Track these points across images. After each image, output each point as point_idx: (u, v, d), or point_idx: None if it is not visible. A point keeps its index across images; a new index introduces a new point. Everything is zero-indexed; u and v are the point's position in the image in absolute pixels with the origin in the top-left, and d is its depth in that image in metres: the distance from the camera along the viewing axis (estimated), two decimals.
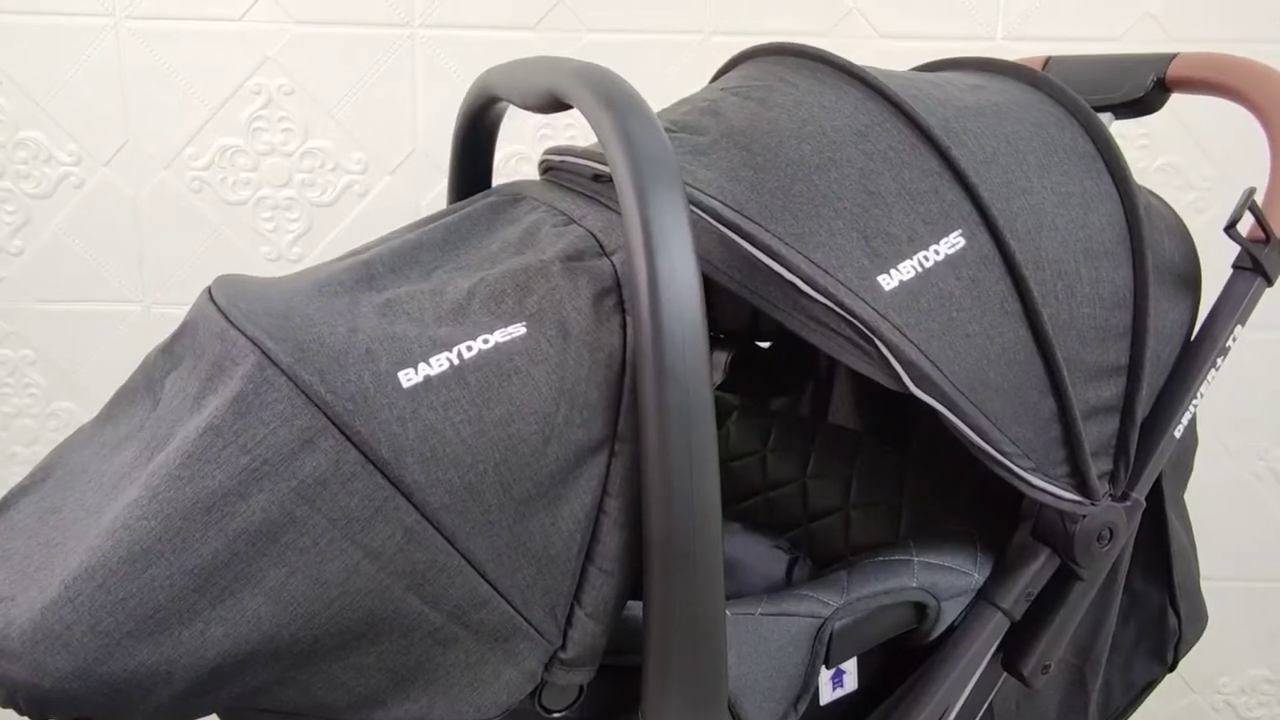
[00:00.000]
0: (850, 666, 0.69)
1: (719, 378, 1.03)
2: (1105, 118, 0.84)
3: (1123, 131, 1.35)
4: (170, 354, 0.58)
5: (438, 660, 0.52)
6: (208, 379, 0.52)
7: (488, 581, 0.51)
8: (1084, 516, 0.65)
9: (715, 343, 1.04)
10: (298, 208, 1.30)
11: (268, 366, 0.50)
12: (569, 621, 0.54)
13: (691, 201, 0.59)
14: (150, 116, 1.26)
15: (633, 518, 0.54)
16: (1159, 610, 0.81)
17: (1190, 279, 0.72)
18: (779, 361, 1.03)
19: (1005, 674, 0.72)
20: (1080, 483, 0.65)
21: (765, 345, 1.04)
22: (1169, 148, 1.32)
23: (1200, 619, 0.85)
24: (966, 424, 0.59)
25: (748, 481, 0.90)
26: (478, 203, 0.69)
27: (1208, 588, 1.47)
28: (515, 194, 0.69)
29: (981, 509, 0.73)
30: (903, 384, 0.58)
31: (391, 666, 0.51)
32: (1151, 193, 0.76)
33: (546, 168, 0.75)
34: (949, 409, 0.59)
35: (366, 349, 0.53)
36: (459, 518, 0.51)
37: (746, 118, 0.65)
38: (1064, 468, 0.64)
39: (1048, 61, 0.90)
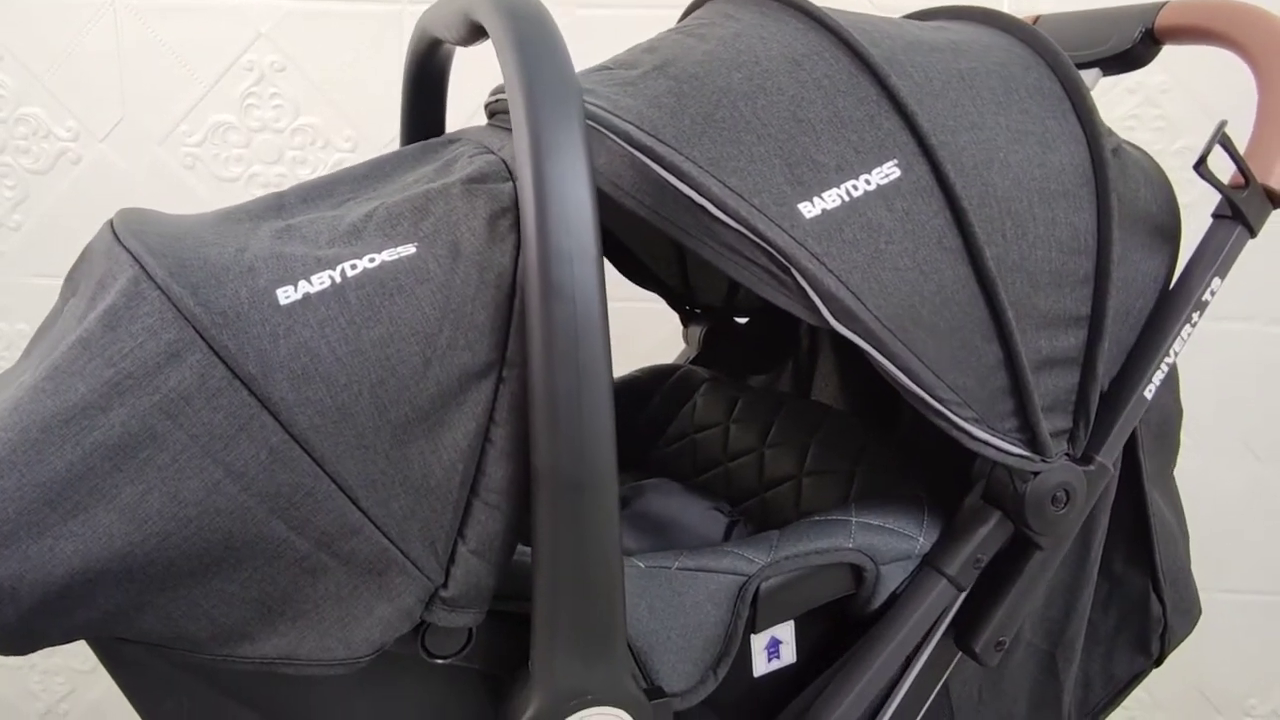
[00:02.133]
0: (787, 637, 0.64)
1: (693, 352, 1.00)
2: (1093, 73, 0.80)
3: (1138, 113, 1.30)
4: (70, 281, 0.56)
5: (306, 592, 0.49)
6: (92, 297, 0.51)
7: (359, 509, 0.48)
8: (1035, 475, 0.60)
9: (691, 318, 1.01)
10: (289, 185, 1.29)
11: (142, 280, 0.49)
12: (451, 558, 0.51)
13: (605, 126, 0.56)
14: (146, 93, 1.27)
15: (521, 448, 0.50)
16: (1141, 596, 0.75)
17: (1168, 231, 0.67)
18: (758, 339, 0.99)
19: (960, 654, 0.67)
20: (1030, 438, 0.60)
21: (742, 321, 1.01)
22: (1187, 130, 1.26)
23: (1190, 611, 0.78)
24: (895, 364, 0.55)
25: (709, 453, 0.86)
26: (414, 146, 0.67)
27: (1234, 601, 1.40)
28: (452, 137, 0.68)
29: (941, 478, 0.68)
30: (822, 317, 0.54)
31: (257, 596, 0.49)
32: (1135, 146, 0.71)
33: (491, 112, 0.73)
34: (874, 346, 0.54)
35: (249, 266, 0.51)
36: (329, 439, 0.48)
37: (681, 50, 0.62)
38: (1012, 421, 0.59)
39: (1037, 19, 0.86)
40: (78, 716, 1.51)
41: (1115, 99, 1.26)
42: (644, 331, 1.05)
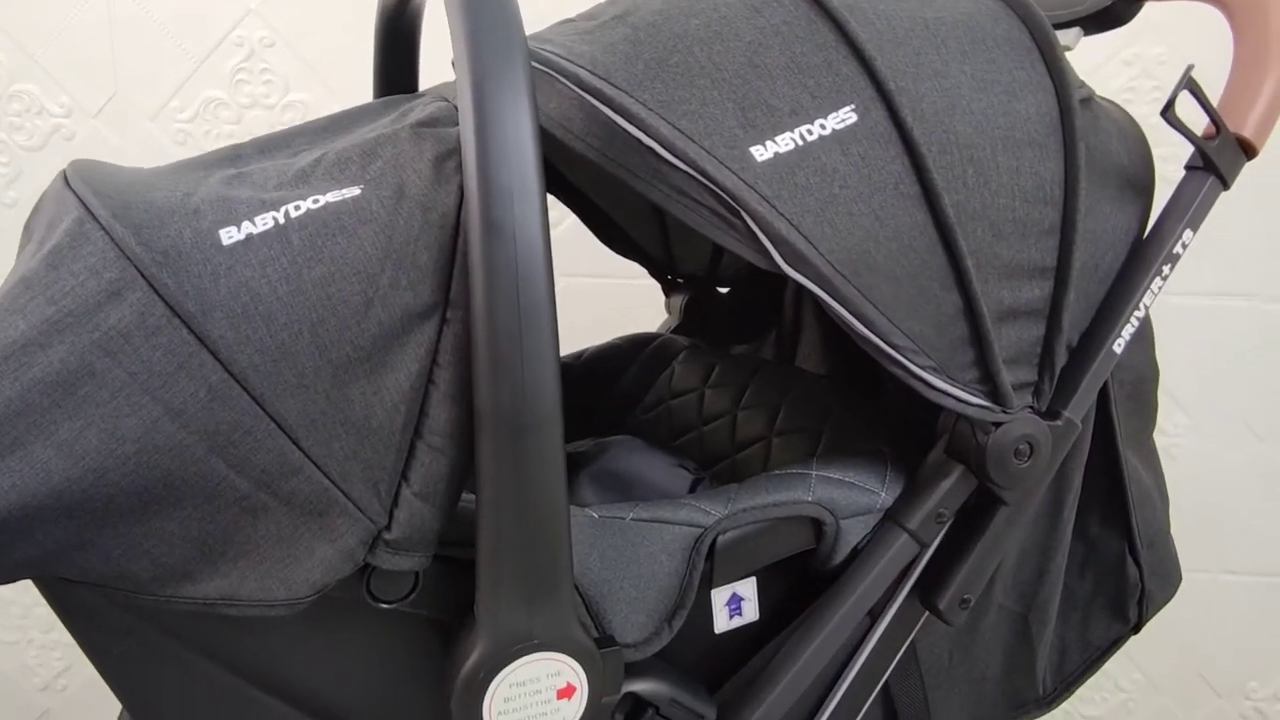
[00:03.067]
0: (749, 594, 0.64)
1: (674, 321, 1.00)
2: (1073, 32, 0.78)
3: (1134, 85, 1.28)
4: (27, 230, 0.57)
5: (247, 532, 0.49)
6: (41, 240, 0.51)
7: (300, 448, 0.48)
8: (997, 427, 0.59)
9: (673, 287, 1.01)
10: None
11: (86, 221, 0.49)
12: (395, 500, 0.50)
13: (555, 70, 0.56)
14: (138, 69, 1.28)
15: (465, 390, 0.50)
16: (1117, 560, 0.74)
17: (1140, 185, 0.66)
18: (740, 308, 0.98)
19: (926, 614, 0.66)
20: (992, 390, 0.59)
21: (724, 291, 1.00)
22: (1184, 102, 1.23)
23: (1169, 576, 0.77)
24: (849, 310, 0.54)
25: (684, 419, 0.86)
26: (379, 101, 0.67)
27: (1235, 583, 1.38)
28: (420, 93, 0.67)
29: (908, 437, 0.67)
30: (773, 262, 0.53)
31: (197, 535, 0.48)
32: (1113, 102, 0.70)
33: None
34: (827, 291, 0.54)
35: (194, 209, 0.51)
36: (269, 378, 0.48)
37: (643, 1, 0.62)
38: (973, 372, 0.58)
39: None
40: (75, 691, 1.52)
41: (1112, 71, 1.24)
42: (652, 309, 1.05)
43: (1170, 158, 0.68)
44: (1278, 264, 1.28)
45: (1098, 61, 1.25)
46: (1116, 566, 0.74)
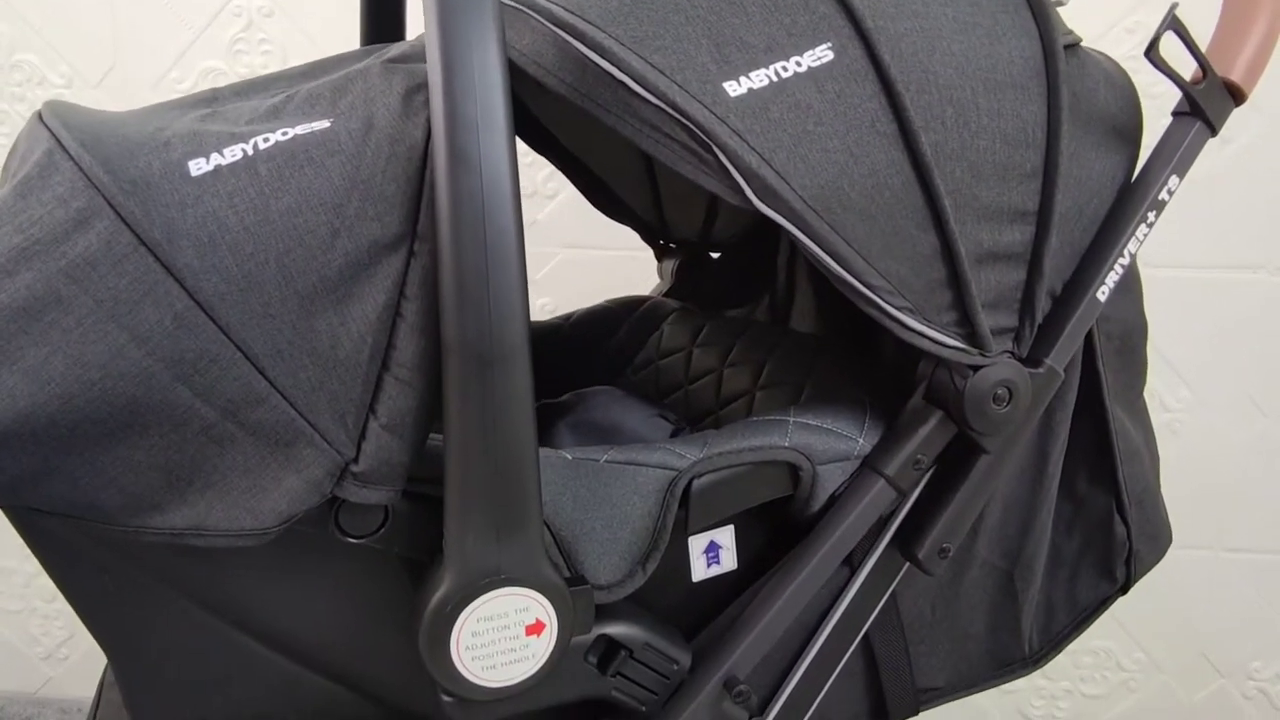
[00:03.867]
0: (727, 542, 0.63)
1: (666, 285, 0.99)
2: None
3: (1137, 53, 1.26)
4: (5, 170, 0.57)
5: (214, 462, 0.49)
6: (14, 174, 0.51)
7: (266, 378, 0.48)
8: (974, 371, 0.59)
9: (665, 251, 1.00)
10: None
11: (56, 152, 0.49)
12: (363, 433, 0.51)
13: (527, 5, 0.56)
14: (138, 39, 1.28)
15: (432, 323, 0.50)
16: (1105, 517, 0.73)
17: (1127, 133, 0.65)
18: (732, 272, 0.98)
19: (907, 565, 0.65)
20: (970, 333, 0.58)
21: (716, 256, 1.00)
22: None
23: (1158, 537, 0.76)
24: (821, 247, 0.54)
25: (672, 378, 0.86)
26: (361, 49, 0.67)
27: (1239, 561, 1.36)
28: (403, 43, 0.67)
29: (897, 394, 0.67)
30: (745, 197, 0.53)
31: (164, 464, 0.49)
32: (1101, 52, 0.69)
33: None
34: (798, 227, 0.53)
35: (165, 142, 0.51)
36: (235, 307, 0.48)
37: None
38: (950, 314, 0.58)
39: None
40: (77, 659, 1.54)
41: (1115, 40, 1.23)
42: (654, 282, 1.04)
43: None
44: None
45: (1100, 30, 1.23)
46: (1104, 524, 0.73)
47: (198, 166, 0.49)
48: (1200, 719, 1.44)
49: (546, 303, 1.29)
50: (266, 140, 0.50)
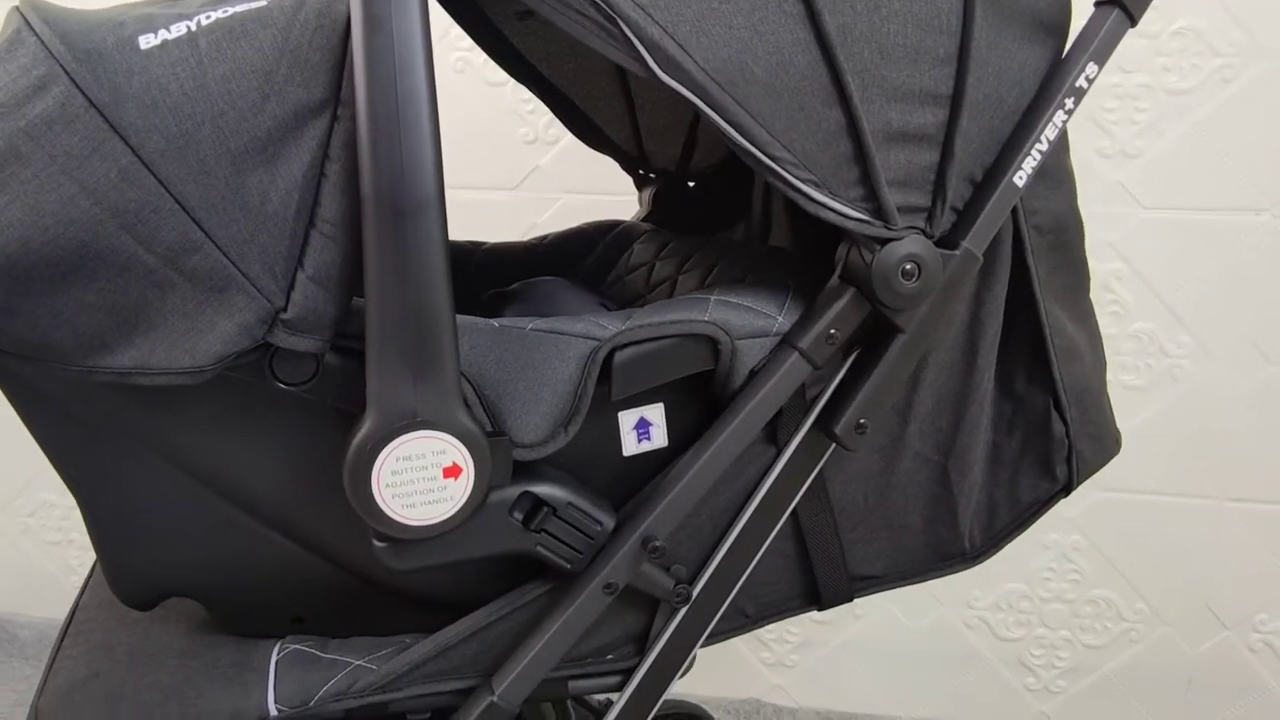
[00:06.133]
0: (658, 419, 0.67)
1: (644, 212, 1.03)
2: None
3: None
4: None
5: (156, 305, 0.54)
6: None
7: (201, 228, 0.53)
8: (881, 246, 0.61)
9: (643, 181, 1.04)
10: None
11: (24, 30, 0.55)
12: (291, 284, 0.55)
13: None
14: None
15: (354, 183, 0.54)
16: (1043, 415, 0.74)
17: (1053, 27, 0.67)
18: (707, 199, 1.01)
19: (832, 446, 0.68)
20: (876, 208, 0.61)
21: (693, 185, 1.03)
22: (1188, 9, 1.21)
23: (1102, 439, 0.77)
24: (724, 118, 0.57)
25: (634, 290, 0.89)
26: None
27: (1243, 511, 1.35)
28: None
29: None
30: (648, 68, 0.56)
31: (111, 305, 0.54)
32: None
33: None
34: (701, 98, 0.57)
35: (120, 22, 0.56)
36: (174, 163, 0.53)
37: None
38: (857, 190, 0.60)
39: None
40: None
41: None
42: None
43: None
44: None
45: None
46: (1042, 423, 0.74)
47: (146, 41, 0.55)
48: (1204, 671, 1.42)
49: None
50: (209, 18, 0.55)
